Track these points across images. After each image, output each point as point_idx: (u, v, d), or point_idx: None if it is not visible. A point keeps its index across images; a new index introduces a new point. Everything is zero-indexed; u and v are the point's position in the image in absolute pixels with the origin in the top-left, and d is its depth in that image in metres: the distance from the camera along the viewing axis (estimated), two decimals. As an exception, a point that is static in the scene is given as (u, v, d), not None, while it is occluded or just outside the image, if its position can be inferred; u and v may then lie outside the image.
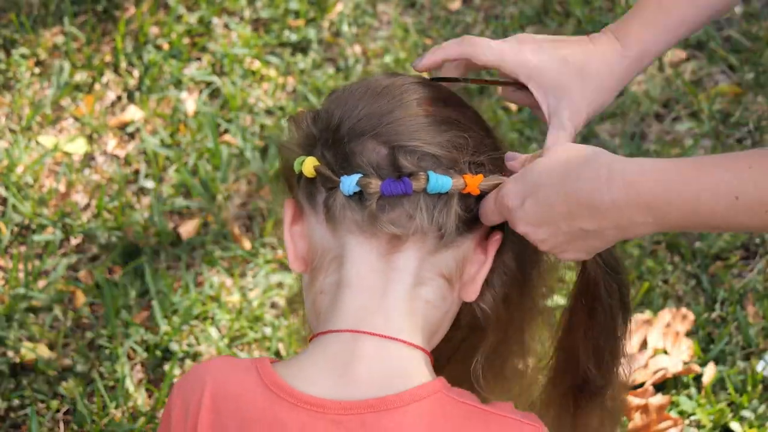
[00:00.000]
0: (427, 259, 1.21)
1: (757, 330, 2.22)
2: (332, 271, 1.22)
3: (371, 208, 1.18)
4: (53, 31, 2.85)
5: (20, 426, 2.11)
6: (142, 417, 2.10)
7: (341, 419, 1.14)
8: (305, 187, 1.25)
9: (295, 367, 1.20)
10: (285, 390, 1.17)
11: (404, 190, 1.18)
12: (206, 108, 2.67)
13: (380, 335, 1.19)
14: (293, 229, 1.27)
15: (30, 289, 2.29)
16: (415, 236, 1.20)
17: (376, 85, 1.26)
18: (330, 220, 1.21)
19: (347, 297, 1.20)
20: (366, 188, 1.18)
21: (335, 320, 1.20)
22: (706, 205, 1.08)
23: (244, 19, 2.91)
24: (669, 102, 2.71)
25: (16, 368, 2.18)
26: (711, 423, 2.08)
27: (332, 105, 1.25)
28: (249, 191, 2.52)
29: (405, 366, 1.19)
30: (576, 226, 1.15)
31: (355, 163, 1.20)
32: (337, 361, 1.18)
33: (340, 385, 1.17)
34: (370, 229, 1.19)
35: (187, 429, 1.19)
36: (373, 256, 1.20)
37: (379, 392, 1.15)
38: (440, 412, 1.16)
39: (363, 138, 1.21)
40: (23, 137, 2.61)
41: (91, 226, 2.41)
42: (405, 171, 1.19)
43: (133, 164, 2.58)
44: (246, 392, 1.18)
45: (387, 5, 2.97)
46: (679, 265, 2.34)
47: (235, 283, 2.32)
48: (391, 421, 1.14)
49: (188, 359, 2.20)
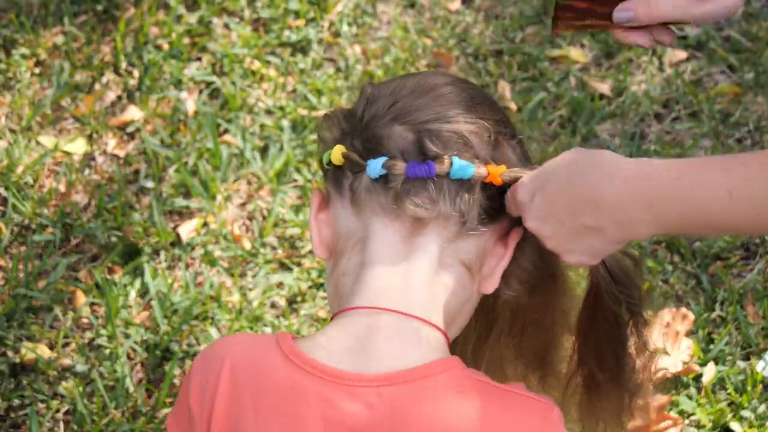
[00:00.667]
0: (448, 245, 1.25)
1: (757, 330, 2.22)
2: (356, 253, 1.26)
3: (396, 190, 1.22)
4: (53, 31, 2.85)
5: (20, 426, 2.11)
6: (142, 417, 2.10)
7: (357, 390, 1.17)
8: (333, 174, 1.29)
9: (314, 340, 1.22)
10: (303, 360, 1.19)
11: (428, 172, 1.22)
12: (206, 108, 2.67)
13: (399, 312, 1.22)
14: (319, 216, 1.31)
15: (30, 289, 2.29)
16: (438, 221, 1.23)
17: (408, 79, 1.31)
18: (355, 203, 1.25)
19: (369, 276, 1.24)
20: (391, 169, 1.22)
21: (356, 298, 1.24)
22: (702, 202, 1.10)
23: (244, 19, 2.91)
24: (669, 102, 2.71)
25: (16, 368, 2.18)
26: (711, 423, 2.08)
27: (362, 99, 1.30)
28: (249, 191, 2.52)
29: (422, 342, 1.22)
30: (578, 222, 1.17)
31: (383, 147, 1.24)
32: (356, 335, 1.21)
33: (358, 358, 1.19)
34: (394, 211, 1.23)
35: (206, 399, 1.20)
36: (396, 238, 1.24)
37: (395, 366, 1.18)
38: (455, 387, 1.18)
39: (392, 124, 1.26)
40: (23, 137, 2.61)
41: (91, 226, 2.41)
42: (430, 154, 1.23)
43: (133, 164, 2.58)
44: (265, 362, 1.21)
45: (387, 5, 2.97)
46: (679, 265, 2.34)
47: (235, 283, 2.32)
48: (406, 394, 1.16)
49: (188, 359, 2.20)
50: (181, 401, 1.25)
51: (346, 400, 1.17)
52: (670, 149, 2.57)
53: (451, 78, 1.32)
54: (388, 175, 1.23)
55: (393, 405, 1.16)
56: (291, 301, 2.31)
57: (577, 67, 2.78)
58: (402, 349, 1.20)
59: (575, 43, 2.85)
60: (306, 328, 2.24)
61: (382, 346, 1.20)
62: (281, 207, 2.47)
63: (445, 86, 1.29)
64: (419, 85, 1.29)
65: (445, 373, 1.18)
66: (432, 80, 1.30)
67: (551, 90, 2.72)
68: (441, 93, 1.28)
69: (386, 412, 1.16)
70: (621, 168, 1.15)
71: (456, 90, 1.29)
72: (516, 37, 2.87)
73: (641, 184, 1.13)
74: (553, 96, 2.71)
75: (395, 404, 1.16)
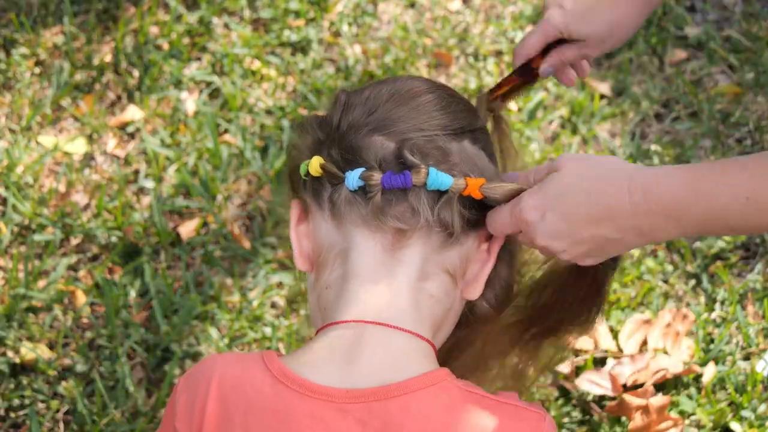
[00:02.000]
0: (431, 255, 1.23)
1: (757, 330, 2.22)
2: (338, 265, 1.24)
3: (376, 202, 1.21)
4: (53, 31, 2.85)
5: (20, 426, 2.11)
6: (142, 417, 2.10)
7: (348, 407, 1.16)
8: (311, 186, 1.27)
9: (301, 357, 1.21)
10: (291, 379, 1.18)
11: (404, 182, 1.20)
12: (206, 108, 2.67)
13: (385, 324, 1.20)
14: (299, 228, 1.30)
15: (30, 289, 2.29)
16: (421, 231, 1.22)
17: (383, 86, 1.29)
18: (335, 216, 1.24)
19: (352, 289, 1.22)
20: (368, 180, 1.20)
21: (341, 312, 1.22)
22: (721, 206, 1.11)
23: (244, 19, 2.91)
24: (669, 102, 2.71)
25: (16, 368, 2.18)
26: (711, 423, 2.08)
27: (338, 107, 1.28)
28: (249, 191, 2.52)
29: (410, 355, 1.21)
30: (599, 235, 1.18)
31: (361, 158, 1.23)
32: (343, 350, 1.19)
33: (346, 374, 1.18)
34: (375, 223, 1.21)
35: (194, 419, 1.19)
36: (378, 250, 1.22)
37: (384, 380, 1.17)
38: (446, 399, 1.17)
39: (371, 134, 1.24)
40: (23, 137, 2.61)
41: (91, 226, 2.41)
42: (408, 164, 1.21)
43: (133, 164, 2.58)
44: (253, 382, 1.19)
45: (387, 5, 2.97)
46: (679, 265, 2.34)
47: (235, 283, 2.32)
48: (397, 408, 1.15)
49: (188, 359, 2.20)
50: (166, 423, 1.23)
51: (337, 419, 1.15)
52: (670, 149, 2.57)
53: (429, 84, 1.30)
54: (366, 186, 1.21)
55: (384, 420, 1.15)
56: (291, 301, 2.31)
57: (577, 67, 2.78)
58: (390, 363, 1.19)
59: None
60: (306, 329, 2.24)
61: (370, 361, 1.18)
62: (281, 207, 2.47)
63: (425, 94, 1.27)
64: (397, 93, 1.27)
65: (435, 386, 1.17)
66: (409, 87, 1.28)
67: (551, 90, 2.72)
68: (420, 102, 1.26)
69: (378, 427, 1.14)
70: (638, 180, 1.15)
71: (435, 98, 1.27)
72: (516, 37, 2.87)
73: (661, 195, 1.13)
74: (553, 96, 2.71)
75: (386, 419, 1.14)
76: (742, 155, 1.47)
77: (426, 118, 1.25)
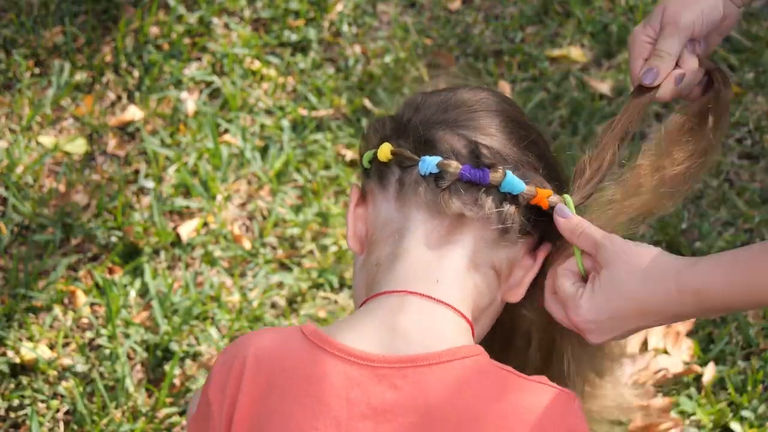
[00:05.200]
0: (483, 248, 1.28)
1: (757, 330, 2.22)
2: (390, 243, 1.28)
3: (446, 188, 1.26)
4: (53, 31, 2.85)
5: (20, 426, 2.11)
6: (142, 417, 2.10)
7: (383, 371, 1.18)
8: (377, 170, 1.32)
9: (341, 324, 1.25)
10: (327, 342, 1.21)
11: (482, 177, 1.26)
12: (206, 108, 2.67)
13: (429, 296, 1.24)
14: (356, 211, 1.34)
15: (30, 289, 2.29)
16: (478, 224, 1.27)
17: (456, 93, 1.35)
18: (400, 197, 1.29)
19: (401, 265, 1.26)
20: (446, 168, 1.25)
21: (387, 284, 1.26)
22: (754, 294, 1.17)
23: (244, 19, 2.91)
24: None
25: (16, 368, 2.18)
26: (711, 423, 2.08)
27: (410, 107, 1.34)
28: (249, 191, 2.52)
29: (449, 327, 1.24)
30: (642, 326, 1.25)
31: (435, 148, 1.28)
32: (384, 317, 1.23)
33: (385, 340, 1.21)
34: (438, 209, 1.26)
35: (228, 387, 1.21)
36: (434, 234, 1.27)
37: (422, 348, 1.20)
38: (480, 372, 1.20)
39: (445, 130, 1.29)
40: (23, 137, 2.61)
41: (91, 226, 2.41)
42: (484, 162, 1.27)
43: (133, 164, 2.58)
44: (290, 348, 1.22)
45: (387, 5, 2.97)
46: (679, 265, 2.34)
47: (235, 283, 2.32)
48: (432, 376, 1.18)
49: (188, 359, 2.20)
50: (201, 399, 1.25)
51: (372, 382, 1.18)
52: (670, 149, 2.57)
53: (497, 97, 1.35)
54: (441, 174, 1.26)
55: (418, 387, 1.17)
56: (291, 301, 2.31)
57: (577, 67, 2.78)
58: (430, 333, 1.22)
59: (575, 43, 2.85)
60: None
61: (408, 328, 1.22)
62: (281, 207, 2.47)
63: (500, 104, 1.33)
64: (470, 101, 1.32)
65: (470, 358, 1.20)
66: (480, 98, 1.33)
67: (551, 90, 2.72)
68: (493, 111, 1.32)
69: (411, 393, 1.17)
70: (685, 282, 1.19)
71: (511, 110, 1.34)
72: (516, 37, 2.87)
73: (707, 296, 1.18)
74: (553, 96, 2.71)
75: (420, 386, 1.17)
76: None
77: (500, 130, 1.30)
